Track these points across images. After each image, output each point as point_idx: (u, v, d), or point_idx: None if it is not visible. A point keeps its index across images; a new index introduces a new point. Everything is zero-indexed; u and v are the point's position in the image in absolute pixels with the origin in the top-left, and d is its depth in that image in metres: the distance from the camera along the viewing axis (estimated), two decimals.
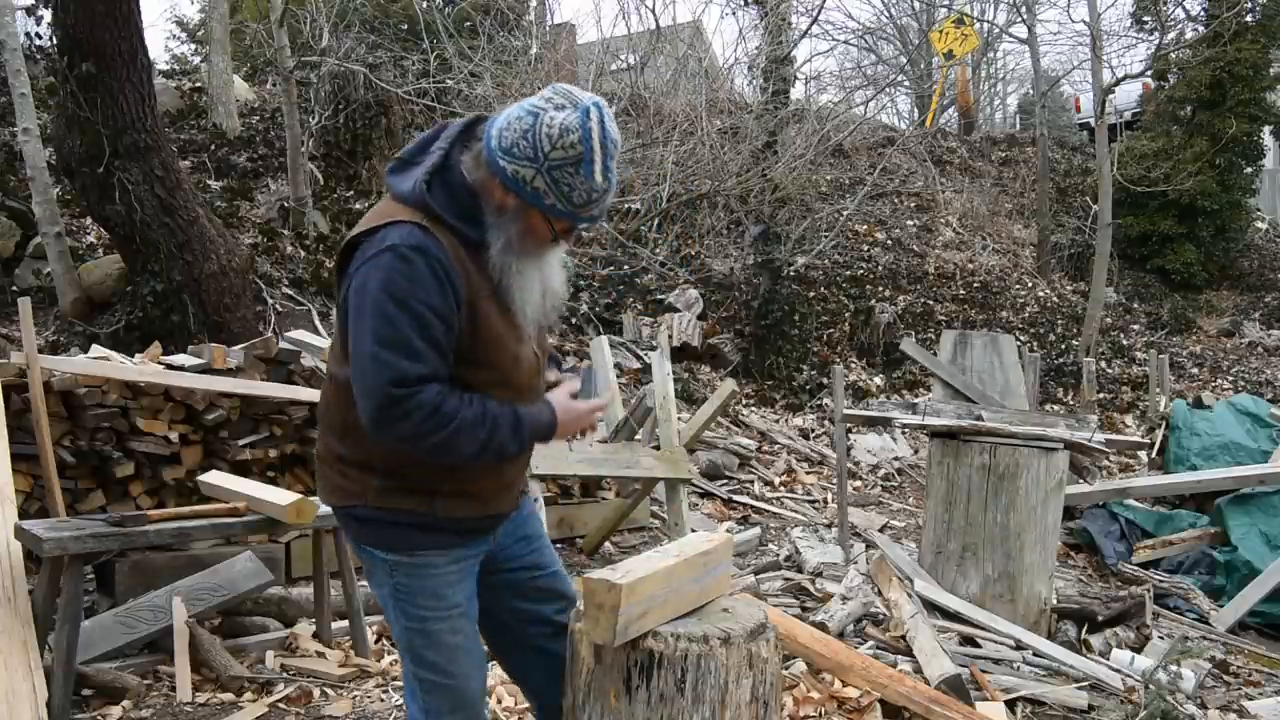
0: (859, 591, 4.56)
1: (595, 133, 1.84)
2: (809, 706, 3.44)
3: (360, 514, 2.06)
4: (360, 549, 2.13)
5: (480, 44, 10.92)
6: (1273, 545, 6.39)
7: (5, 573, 3.40)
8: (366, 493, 2.03)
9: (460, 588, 2.12)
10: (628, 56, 12.49)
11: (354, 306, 1.90)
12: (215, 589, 3.92)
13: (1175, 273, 15.73)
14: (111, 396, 4.42)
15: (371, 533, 2.07)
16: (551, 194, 1.88)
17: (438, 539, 2.06)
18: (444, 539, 2.07)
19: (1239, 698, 4.34)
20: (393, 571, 2.07)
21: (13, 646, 3.18)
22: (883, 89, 17.81)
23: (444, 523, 2.05)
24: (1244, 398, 8.79)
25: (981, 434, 4.64)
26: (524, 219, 1.93)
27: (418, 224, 1.89)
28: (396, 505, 2.02)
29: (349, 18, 11.70)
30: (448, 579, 2.09)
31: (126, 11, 6.05)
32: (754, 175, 10.71)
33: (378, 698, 3.60)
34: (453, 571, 2.10)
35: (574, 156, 1.84)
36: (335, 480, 2.09)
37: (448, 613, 2.09)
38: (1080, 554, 6.97)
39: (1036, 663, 4.17)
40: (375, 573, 2.12)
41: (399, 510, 2.03)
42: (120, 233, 6.49)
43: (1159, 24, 14.91)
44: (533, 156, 1.86)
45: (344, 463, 2.07)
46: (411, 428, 1.86)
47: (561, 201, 1.89)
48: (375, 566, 2.11)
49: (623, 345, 9.16)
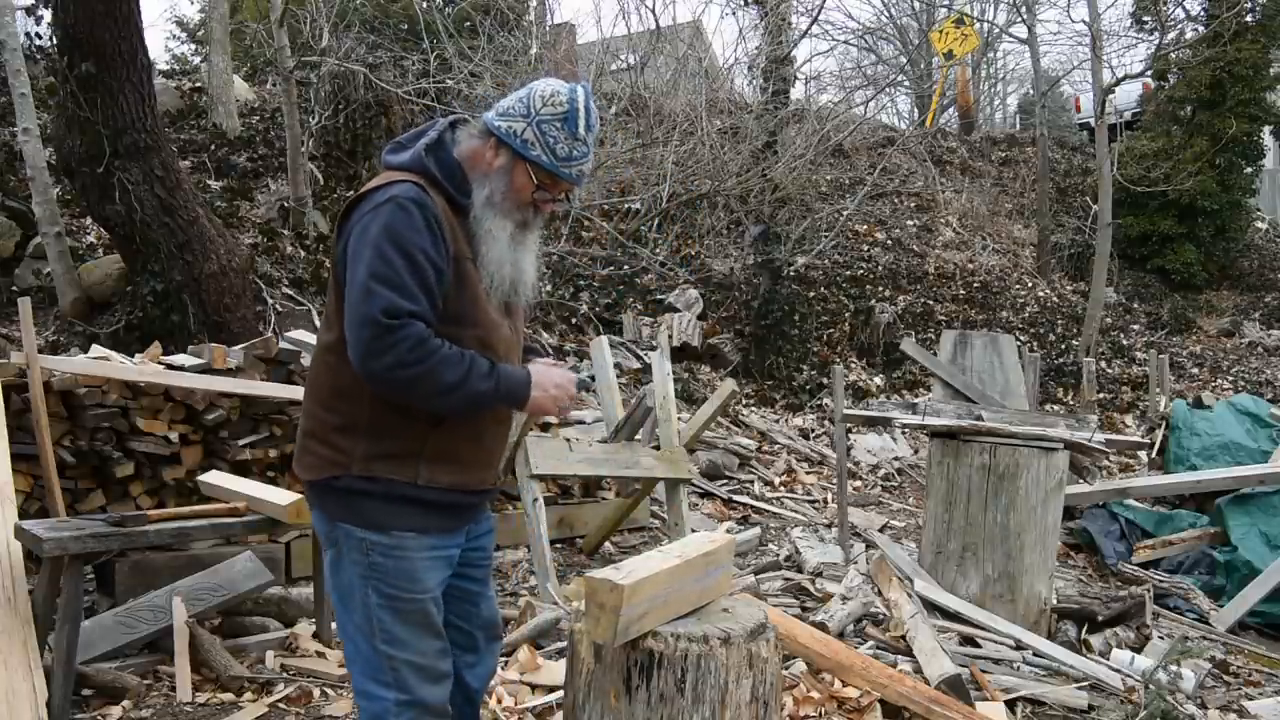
0: (859, 591, 4.56)
1: (580, 99, 2.14)
2: (809, 706, 3.44)
3: (343, 485, 2.10)
4: (335, 527, 2.14)
5: (480, 44, 10.91)
6: (1273, 545, 6.39)
7: (5, 573, 3.40)
8: (352, 461, 2.09)
9: (433, 574, 2.16)
10: (628, 56, 12.49)
11: (352, 251, 2.04)
12: (215, 589, 3.92)
13: (1175, 273, 15.73)
14: (111, 396, 4.42)
15: (352, 507, 2.10)
16: (538, 145, 2.12)
17: (416, 516, 2.11)
18: (422, 517, 2.12)
19: (1239, 698, 4.34)
20: (369, 551, 2.10)
21: (13, 646, 3.18)
22: (883, 89, 17.82)
23: (426, 493, 2.10)
24: (1244, 398, 8.79)
25: (981, 434, 4.64)
26: (510, 174, 2.15)
27: (415, 182, 2.07)
28: (381, 474, 2.08)
29: (349, 18, 11.69)
30: (422, 563, 2.13)
31: (126, 11, 6.04)
32: (754, 175, 10.71)
33: None
34: (426, 557, 2.14)
35: (560, 113, 2.13)
36: (320, 452, 2.13)
37: (420, 594, 2.13)
38: (1080, 554, 6.97)
39: (1036, 663, 4.17)
40: (347, 553, 2.12)
41: (383, 479, 2.08)
42: (120, 233, 6.49)
43: (1159, 24, 14.91)
44: (524, 112, 2.14)
45: (330, 430, 2.11)
46: (397, 357, 1.95)
47: (546, 153, 2.13)
48: (347, 546, 2.12)
49: (623, 345, 9.16)
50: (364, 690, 2.15)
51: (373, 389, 2.04)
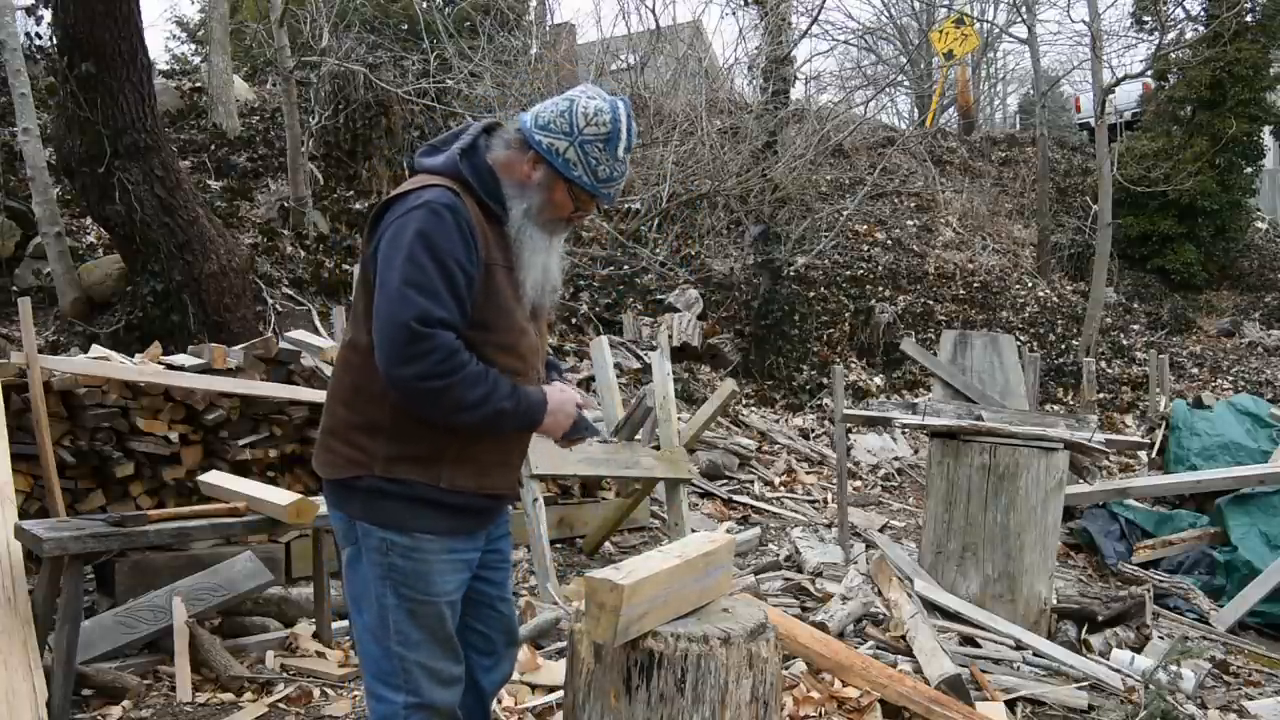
0: (859, 591, 4.55)
1: (624, 119, 2.12)
2: (809, 706, 3.43)
3: (366, 485, 2.09)
4: (354, 526, 2.13)
5: (480, 44, 10.91)
6: (1273, 545, 6.39)
7: (5, 573, 3.40)
8: (374, 462, 2.08)
9: (450, 578, 2.15)
10: (628, 56, 12.49)
11: (384, 255, 2.02)
12: (215, 589, 3.92)
13: (1175, 273, 15.73)
14: (111, 396, 4.42)
15: (372, 507, 2.10)
16: (580, 166, 2.11)
17: (437, 519, 2.10)
18: (444, 520, 2.11)
19: (1239, 698, 4.34)
20: (388, 551, 2.09)
21: (13, 646, 3.18)
22: (883, 89, 17.81)
23: (449, 496, 2.10)
24: (1244, 398, 8.79)
25: (981, 434, 4.64)
26: (549, 189, 2.14)
27: (449, 188, 2.07)
28: (404, 475, 2.07)
29: (349, 18, 11.69)
30: (440, 567, 2.12)
31: (126, 11, 6.04)
32: (754, 175, 10.71)
33: None
34: (444, 560, 2.13)
35: (604, 134, 2.10)
36: (342, 451, 2.12)
37: (436, 598, 2.12)
38: (1080, 554, 6.97)
39: (1036, 663, 4.17)
40: (365, 553, 2.12)
41: (405, 482, 2.07)
42: (120, 233, 6.49)
43: (1159, 24, 14.90)
44: (568, 130, 2.10)
45: (352, 429, 2.10)
46: (427, 367, 1.95)
47: (588, 174, 2.12)
48: (367, 546, 2.11)
49: (623, 345, 9.15)
50: (374, 692, 2.14)
51: (393, 395, 2.03)
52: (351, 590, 2.17)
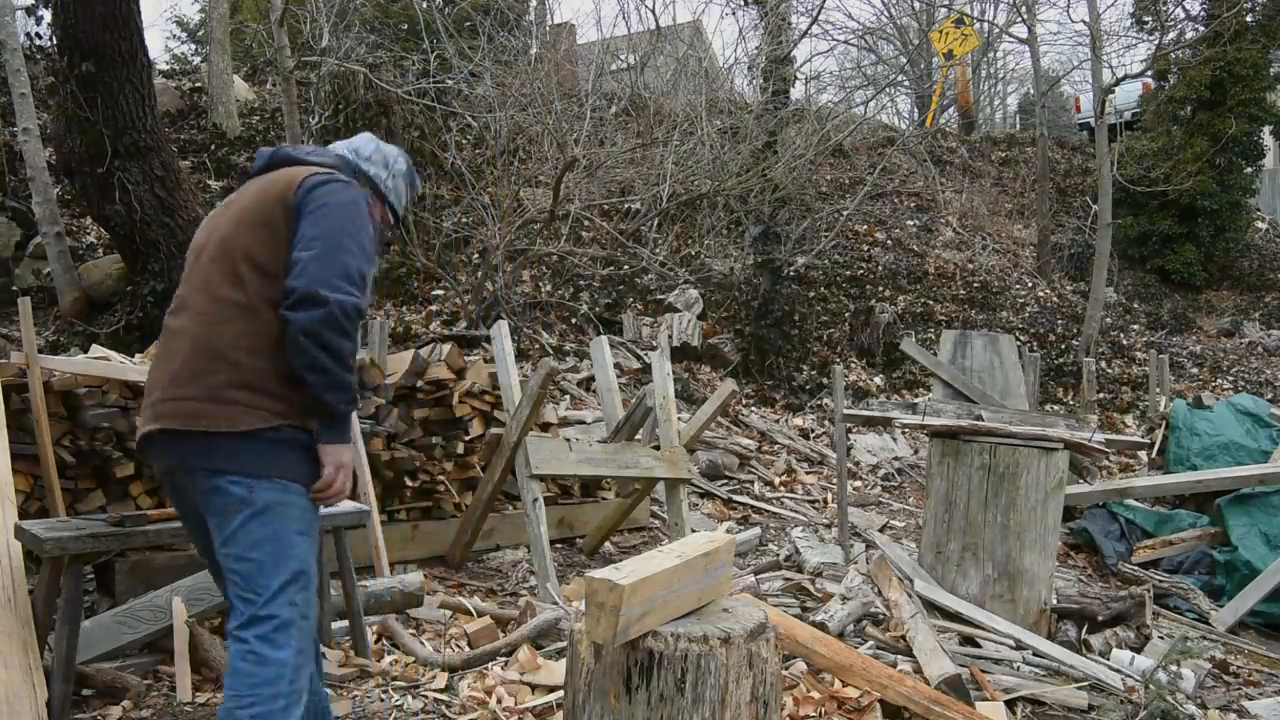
0: (859, 591, 4.55)
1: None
2: (809, 706, 3.43)
3: (284, 435, 2.19)
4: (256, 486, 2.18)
5: (480, 44, 10.90)
6: (1273, 545, 6.38)
7: (5, 573, 3.39)
8: (292, 411, 2.21)
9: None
10: (628, 56, 12.48)
11: (315, 209, 2.20)
12: (215, 589, 3.91)
13: (1175, 273, 15.72)
14: (111, 396, 4.41)
15: (283, 460, 2.21)
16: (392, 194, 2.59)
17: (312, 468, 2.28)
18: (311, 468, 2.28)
19: (1239, 698, 4.34)
20: (286, 489, 2.22)
21: (13, 646, 3.18)
22: (883, 89, 17.82)
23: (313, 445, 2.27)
24: (1244, 398, 8.78)
25: (981, 434, 4.64)
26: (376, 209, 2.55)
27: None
28: (307, 425, 2.24)
29: (349, 18, 11.68)
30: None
31: (126, 11, 6.04)
32: (754, 175, 10.71)
33: (378, 698, 3.60)
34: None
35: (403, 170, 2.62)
36: (262, 403, 2.18)
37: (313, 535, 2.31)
38: (1080, 554, 6.97)
39: (1036, 663, 4.17)
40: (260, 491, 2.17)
41: (305, 431, 2.25)
42: (120, 233, 6.49)
43: (1159, 24, 14.90)
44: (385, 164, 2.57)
45: (272, 378, 2.19)
46: (348, 319, 2.13)
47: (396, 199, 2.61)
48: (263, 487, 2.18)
49: (623, 345, 9.16)
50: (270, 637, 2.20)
51: (301, 341, 2.11)
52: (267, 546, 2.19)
